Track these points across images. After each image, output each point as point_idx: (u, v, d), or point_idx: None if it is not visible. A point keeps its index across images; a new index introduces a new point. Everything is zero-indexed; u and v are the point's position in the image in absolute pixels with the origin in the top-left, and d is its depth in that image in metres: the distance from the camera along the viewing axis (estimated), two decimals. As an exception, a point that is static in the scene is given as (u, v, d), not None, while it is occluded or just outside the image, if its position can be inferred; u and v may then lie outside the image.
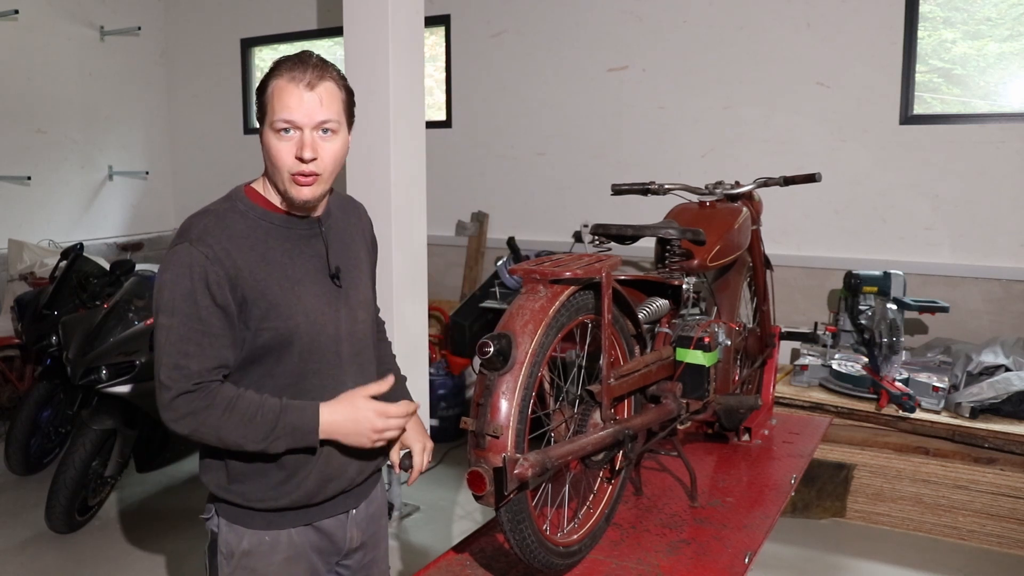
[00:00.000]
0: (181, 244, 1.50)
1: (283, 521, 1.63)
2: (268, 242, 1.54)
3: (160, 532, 3.80)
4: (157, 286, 1.50)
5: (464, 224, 5.74)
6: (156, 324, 1.49)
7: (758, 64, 4.76)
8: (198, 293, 1.46)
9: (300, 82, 1.50)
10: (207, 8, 6.80)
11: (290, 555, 1.64)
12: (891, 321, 3.97)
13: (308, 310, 1.56)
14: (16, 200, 5.82)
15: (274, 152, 1.51)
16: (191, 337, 1.46)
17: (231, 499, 1.62)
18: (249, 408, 1.50)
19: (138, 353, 3.70)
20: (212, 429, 1.48)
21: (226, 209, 1.56)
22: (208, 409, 1.47)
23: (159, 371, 1.47)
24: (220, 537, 1.65)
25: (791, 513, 3.86)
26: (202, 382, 1.47)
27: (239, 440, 1.50)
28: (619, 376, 1.82)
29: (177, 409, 1.47)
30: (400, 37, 3.56)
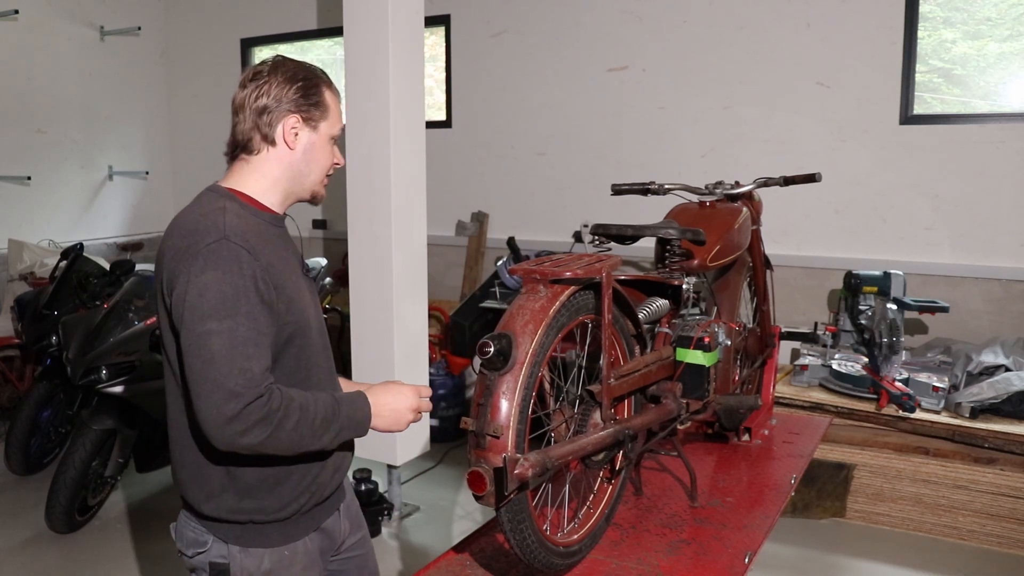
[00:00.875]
0: (216, 241, 1.42)
1: (298, 531, 1.62)
2: (270, 239, 1.55)
3: (160, 532, 3.80)
4: (196, 288, 1.38)
5: (464, 224, 5.74)
6: (203, 331, 1.36)
7: (758, 64, 4.76)
8: (249, 291, 1.41)
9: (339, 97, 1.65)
10: (207, 8, 6.80)
11: (306, 563, 1.65)
12: (891, 321, 3.97)
13: (306, 300, 1.60)
14: (16, 200, 5.82)
15: (325, 155, 1.62)
16: (250, 338, 1.39)
17: (246, 519, 1.56)
18: (312, 407, 1.46)
19: (138, 353, 3.70)
20: (283, 434, 1.40)
21: (233, 207, 1.53)
22: (284, 416, 1.40)
23: (220, 383, 1.34)
24: (234, 566, 1.57)
25: (791, 513, 3.86)
26: (269, 385, 1.40)
27: (308, 441, 1.45)
28: (619, 376, 1.82)
29: (248, 419, 1.35)
30: (400, 37, 3.56)
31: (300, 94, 1.55)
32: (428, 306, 4.08)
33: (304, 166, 1.59)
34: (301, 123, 1.56)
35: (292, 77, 1.56)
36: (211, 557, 1.59)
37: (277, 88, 1.55)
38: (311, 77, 1.58)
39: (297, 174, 1.60)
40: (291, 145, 1.57)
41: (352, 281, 3.78)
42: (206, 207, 1.53)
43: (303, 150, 1.58)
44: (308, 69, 1.60)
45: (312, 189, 1.63)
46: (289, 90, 1.55)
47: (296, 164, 1.59)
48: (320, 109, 1.58)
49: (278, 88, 1.55)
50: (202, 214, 1.50)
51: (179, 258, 1.44)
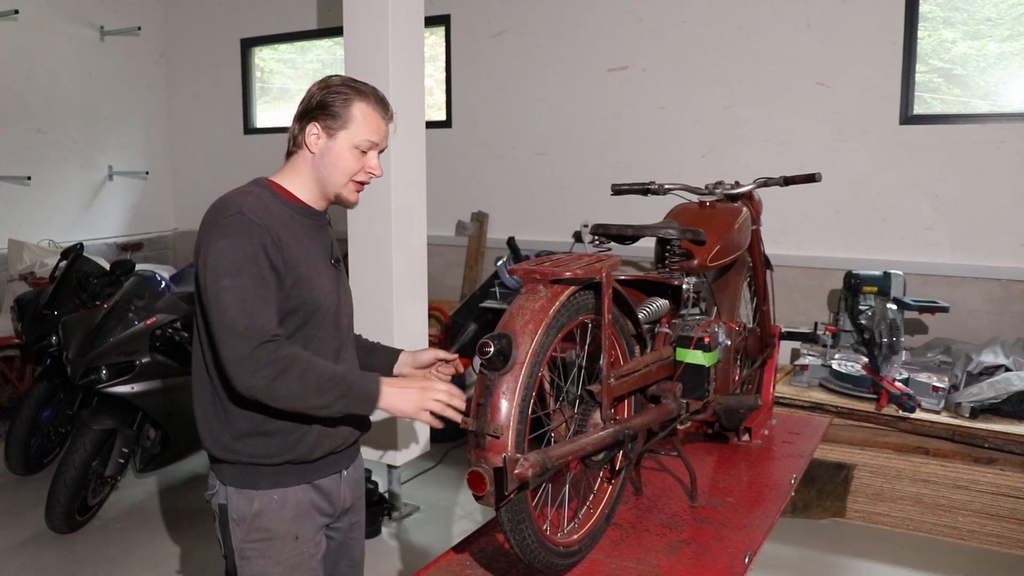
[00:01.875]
0: (233, 215, 1.62)
1: (288, 479, 1.75)
2: (293, 225, 1.73)
3: (160, 532, 3.80)
4: (214, 253, 1.59)
5: (464, 224, 5.74)
6: (218, 287, 1.57)
7: (758, 64, 4.76)
8: (258, 255, 1.60)
9: (382, 113, 1.78)
10: (207, 8, 6.81)
11: (297, 512, 1.76)
12: (891, 321, 3.97)
13: (323, 285, 1.76)
14: (16, 200, 5.82)
15: (346, 162, 1.75)
16: (259, 294, 1.58)
17: (237, 458, 1.72)
18: (323, 370, 1.59)
19: (138, 353, 3.70)
20: (290, 381, 1.55)
21: (259, 192, 1.72)
22: (290, 363, 1.56)
23: (231, 327, 1.55)
24: (230, 505, 1.74)
25: (791, 513, 3.86)
26: (277, 335, 1.58)
27: (313, 396, 1.58)
28: (619, 376, 1.82)
29: (258, 359, 1.54)
30: (400, 37, 3.56)
31: (326, 104, 1.73)
32: (428, 306, 4.08)
33: (323, 169, 1.76)
34: (320, 131, 1.74)
35: (327, 89, 1.74)
36: (218, 499, 1.78)
37: (311, 98, 1.75)
38: (344, 91, 1.73)
39: (318, 175, 1.77)
40: (311, 148, 1.75)
41: (352, 281, 3.77)
42: (240, 191, 1.73)
43: (320, 154, 1.75)
44: (348, 83, 1.75)
45: (336, 192, 1.78)
46: (319, 100, 1.73)
47: (316, 167, 1.76)
48: (340, 120, 1.72)
49: (311, 98, 1.75)
50: (231, 195, 1.71)
51: (204, 230, 1.66)
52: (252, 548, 1.74)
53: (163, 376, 3.75)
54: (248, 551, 1.75)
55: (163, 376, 3.75)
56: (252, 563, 1.75)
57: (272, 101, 6.80)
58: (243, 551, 1.75)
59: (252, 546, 1.74)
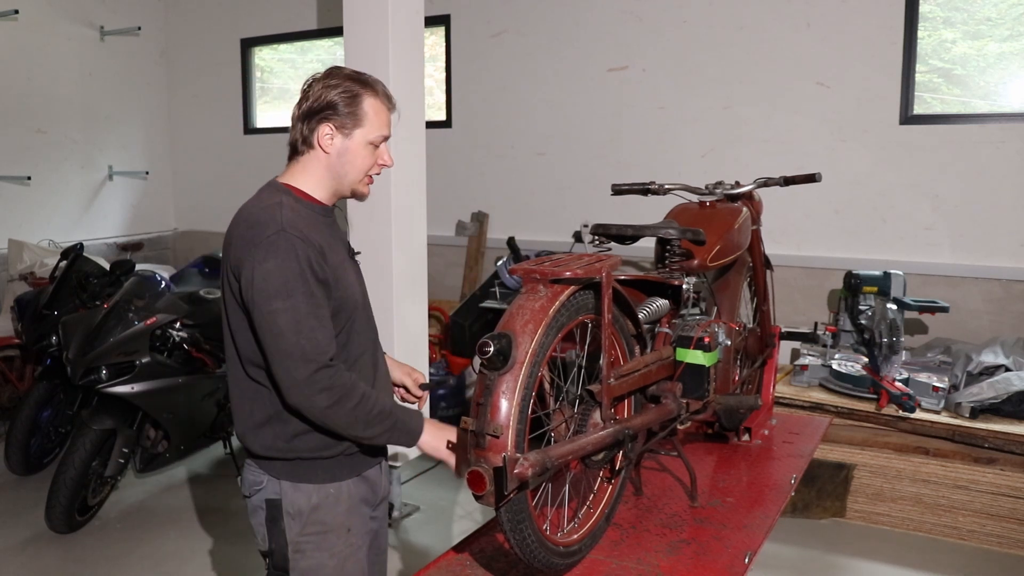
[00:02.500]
0: (275, 233, 1.63)
1: (341, 472, 1.79)
2: (320, 227, 1.76)
3: (160, 532, 3.80)
4: (261, 274, 1.61)
5: (464, 224, 5.74)
6: (271, 310, 1.59)
7: (758, 64, 4.76)
8: (306, 273, 1.63)
9: (390, 105, 1.79)
10: (207, 8, 6.80)
11: (350, 505, 1.81)
12: (891, 321, 3.97)
13: (352, 282, 1.81)
14: (16, 200, 5.82)
15: (363, 159, 1.77)
16: (313, 312, 1.62)
17: (296, 455, 1.74)
18: (374, 404, 1.66)
19: (138, 353, 3.70)
20: (345, 409, 1.62)
21: (288, 202, 1.72)
22: (346, 393, 1.61)
23: (288, 352, 1.58)
24: (285, 499, 1.76)
25: (791, 513, 3.86)
26: (334, 357, 1.63)
27: (362, 427, 1.65)
28: (619, 376, 1.82)
29: (317, 383, 1.59)
30: (400, 37, 3.56)
31: (337, 103, 1.73)
32: (428, 306, 4.08)
33: (340, 168, 1.77)
34: (335, 130, 1.74)
35: (335, 87, 1.73)
36: (267, 494, 1.80)
37: (319, 96, 1.74)
38: (353, 87, 1.74)
39: (335, 175, 1.78)
40: (326, 149, 1.75)
41: (352, 281, 3.77)
42: (266, 201, 1.73)
43: (337, 154, 1.76)
44: (354, 79, 1.76)
45: (352, 187, 1.81)
46: (329, 99, 1.73)
47: (333, 166, 1.77)
48: (355, 118, 1.74)
49: (320, 96, 1.74)
50: (263, 208, 1.70)
51: (245, 247, 1.66)
52: (309, 541, 1.77)
53: (163, 376, 3.75)
54: (304, 544, 1.77)
55: (163, 376, 3.75)
56: (308, 556, 1.77)
57: (272, 101, 6.80)
58: (299, 544, 1.77)
59: (309, 539, 1.77)
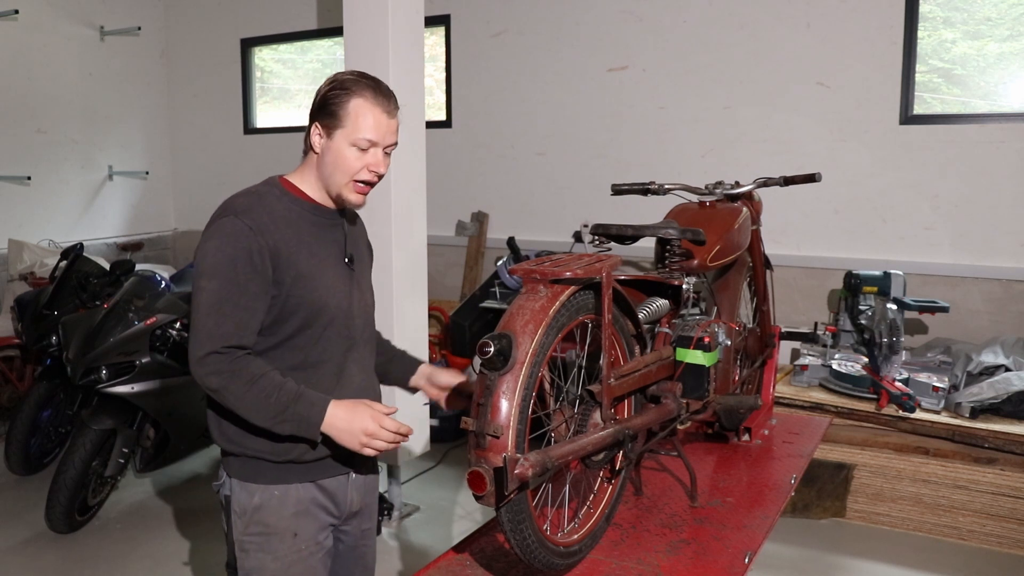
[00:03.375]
0: (226, 217, 1.66)
1: (290, 476, 1.76)
2: (300, 224, 1.74)
3: (160, 532, 3.80)
4: (201, 253, 1.65)
5: (464, 224, 5.74)
6: (197, 287, 1.64)
7: (758, 64, 4.76)
8: (240, 260, 1.63)
9: (383, 108, 1.72)
10: (207, 8, 6.80)
11: (298, 510, 1.77)
12: (891, 321, 3.97)
13: (329, 285, 1.76)
14: (16, 200, 5.82)
15: (345, 161, 1.72)
16: (229, 299, 1.62)
17: (243, 452, 1.74)
18: (268, 387, 1.62)
19: (138, 353, 3.70)
20: (233, 394, 1.61)
21: (265, 191, 1.74)
22: (235, 375, 1.60)
23: (196, 328, 1.62)
24: (233, 497, 1.79)
25: (791, 513, 3.86)
26: (232, 346, 1.62)
27: (251, 413, 1.63)
28: (619, 376, 1.82)
29: (207, 365, 1.60)
30: (400, 37, 3.56)
31: (325, 103, 1.72)
32: (428, 306, 4.08)
33: (326, 168, 1.75)
34: (320, 130, 1.74)
35: (330, 87, 1.73)
36: (224, 491, 1.83)
37: (316, 97, 1.75)
38: (346, 85, 1.71)
39: (323, 175, 1.76)
40: (316, 149, 1.76)
41: (352, 281, 3.77)
42: (245, 190, 1.75)
43: (323, 153, 1.75)
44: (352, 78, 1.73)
45: (337, 192, 1.76)
46: (320, 99, 1.73)
47: (320, 166, 1.76)
48: (336, 118, 1.70)
49: (316, 97, 1.75)
50: (237, 194, 1.74)
51: (204, 231, 1.71)
52: (251, 541, 1.77)
53: (163, 376, 3.75)
54: (247, 544, 1.78)
55: (163, 376, 3.75)
56: (250, 556, 1.77)
57: (272, 101, 6.80)
58: (243, 543, 1.78)
59: (251, 539, 1.77)
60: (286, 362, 1.72)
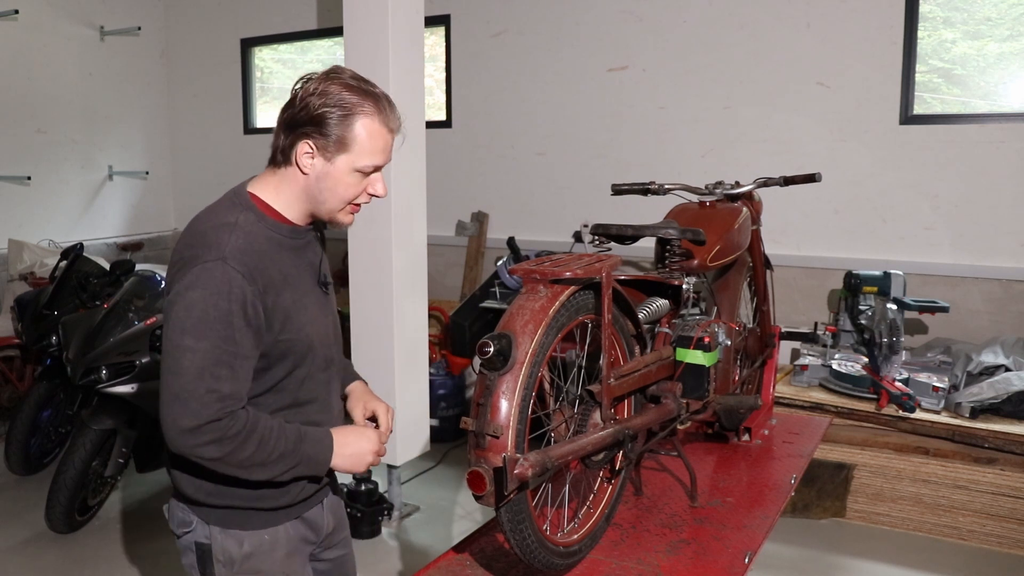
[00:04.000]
0: (214, 262, 1.42)
1: (278, 517, 1.65)
2: (281, 254, 1.55)
3: (160, 532, 3.80)
4: (185, 304, 1.40)
5: (464, 224, 5.74)
6: (176, 345, 1.39)
7: (758, 64, 4.76)
8: (235, 316, 1.42)
9: (390, 127, 1.54)
10: (207, 8, 6.80)
11: (288, 550, 1.67)
12: (891, 321, 3.97)
13: (312, 319, 1.61)
14: (16, 200, 5.82)
15: (346, 188, 1.53)
16: (223, 360, 1.40)
17: (224, 503, 1.59)
18: (273, 441, 1.47)
19: (138, 353, 3.70)
20: (235, 460, 1.43)
21: (243, 222, 1.51)
22: (239, 439, 1.42)
23: (179, 394, 1.38)
24: (215, 546, 1.61)
25: (791, 513, 3.86)
26: (233, 409, 1.42)
27: (259, 471, 1.47)
28: (619, 376, 1.82)
29: (203, 434, 1.39)
30: (400, 37, 3.56)
31: (324, 121, 1.47)
32: (428, 306, 4.08)
33: (318, 193, 1.54)
34: (315, 151, 1.50)
35: (327, 100, 1.48)
36: (196, 537, 1.63)
37: (307, 107, 1.48)
38: (348, 104, 1.48)
39: (311, 198, 1.55)
40: (304, 170, 1.52)
41: (352, 281, 3.78)
42: (222, 217, 1.52)
43: (316, 178, 1.52)
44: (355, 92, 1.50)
45: (330, 215, 1.57)
46: (316, 113, 1.47)
47: (310, 189, 1.54)
48: (341, 143, 1.48)
49: (308, 107, 1.48)
50: (214, 226, 1.50)
51: (180, 266, 1.46)
52: None
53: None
54: None
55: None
56: None
57: (272, 101, 6.79)
58: None
59: None
60: (272, 406, 1.56)
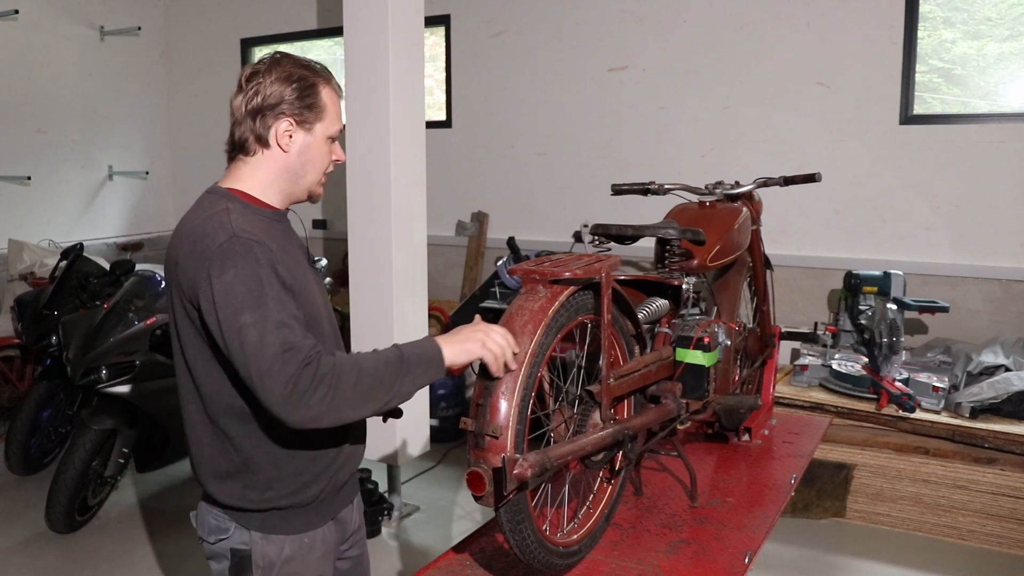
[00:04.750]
0: (227, 241, 1.44)
1: (318, 519, 1.67)
2: (276, 235, 1.58)
3: (160, 532, 3.80)
4: (223, 289, 1.41)
5: (464, 224, 5.74)
6: (239, 327, 1.38)
7: (758, 64, 4.76)
8: (271, 278, 1.44)
9: (339, 92, 1.62)
10: (207, 8, 6.81)
11: (324, 552, 1.70)
12: (891, 321, 3.97)
13: (315, 294, 1.64)
14: (16, 200, 5.82)
15: (321, 156, 1.61)
16: (282, 321, 1.40)
17: (271, 505, 1.60)
18: (371, 361, 1.44)
19: (138, 353, 3.70)
20: (350, 391, 1.39)
21: (237, 208, 1.54)
22: (338, 373, 1.39)
23: (268, 365, 1.36)
24: (255, 551, 1.61)
25: (791, 513, 3.86)
26: (313, 354, 1.39)
27: (381, 392, 1.43)
28: (619, 376, 1.82)
29: (304, 389, 1.35)
30: (400, 37, 3.56)
31: (295, 96, 1.55)
32: (428, 306, 4.08)
33: (300, 168, 1.60)
34: (295, 126, 1.57)
35: (287, 77, 1.55)
36: (232, 543, 1.62)
37: (271, 89, 1.54)
38: (307, 76, 1.57)
39: (293, 176, 1.61)
40: (285, 148, 1.58)
41: (352, 281, 3.78)
42: (208, 210, 1.54)
43: (298, 152, 1.59)
44: (305, 67, 1.58)
45: (308, 189, 1.65)
46: (283, 92, 1.55)
47: (292, 166, 1.60)
48: (315, 111, 1.57)
49: (272, 89, 1.54)
50: (207, 217, 1.52)
51: (195, 265, 1.46)
52: None
53: (163, 376, 3.75)
54: None
55: (163, 376, 3.75)
56: None
57: (272, 101, 6.80)
58: None
59: None
60: None
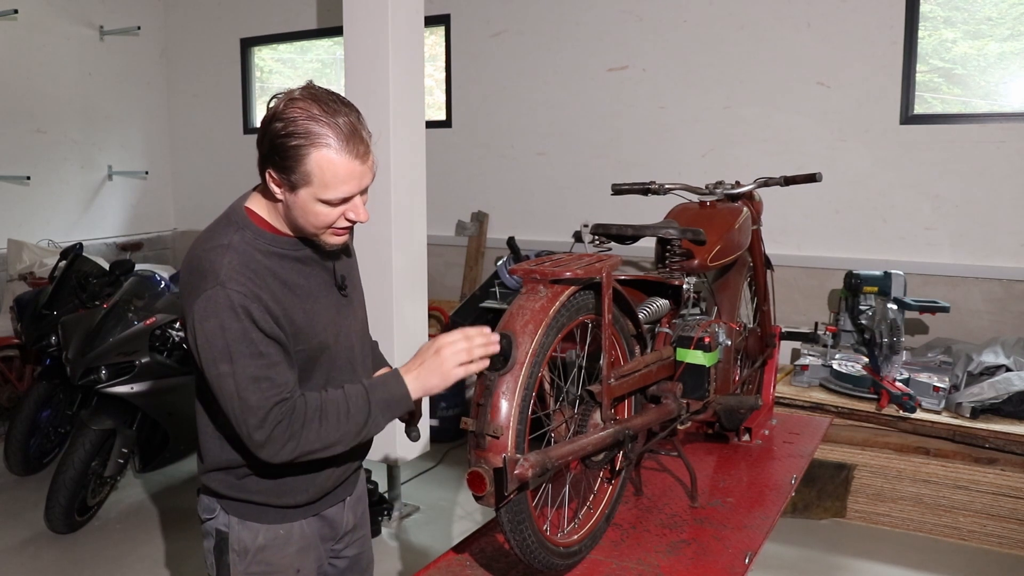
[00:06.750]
0: (212, 288, 1.44)
1: (296, 514, 1.69)
2: (284, 267, 1.54)
3: (160, 532, 3.80)
4: (204, 337, 1.44)
5: (464, 224, 5.74)
6: (218, 374, 1.44)
7: (758, 64, 4.75)
8: (250, 331, 1.44)
9: (354, 154, 1.42)
10: (207, 8, 6.80)
11: (302, 545, 1.71)
12: (891, 321, 3.96)
13: (326, 324, 1.61)
14: (16, 200, 5.81)
15: (315, 215, 1.47)
16: (259, 374, 1.45)
17: (245, 497, 1.64)
18: (338, 405, 1.50)
19: (138, 353, 3.70)
20: (313, 442, 1.48)
21: (242, 241, 1.51)
22: (304, 427, 1.47)
23: (239, 414, 1.45)
24: (232, 535, 1.67)
25: (791, 513, 3.86)
26: (287, 398, 1.47)
27: (341, 439, 1.50)
28: (619, 376, 1.82)
29: (276, 441, 1.46)
30: (400, 37, 3.56)
31: (276, 155, 1.43)
32: (428, 306, 4.08)
33: (295, 220, 1.51)
34: (279, 180, 1.46)
35: (278, 132, 1.41)
36: (217, 524, 1.69)
37: (264, 133, 1.44)
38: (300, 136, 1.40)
39: (291, 218, 1.52)
40: (276, 196, 1.50)
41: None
42: (217, 239, 1.52)
43: (286, 204, 1.50)
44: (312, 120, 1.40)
45: (313, 237, 1.54)
46: (272, 142, 1.42)
47: (286, 212, 1.52)
48: (296, 175, 1.42)
49: (265, 134, 1.44)
50: (210, 248, 1.50)
51: (186, 297, 1.50)
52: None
53: (163, 376, 3.75)
54: None
55: (163, 376, 3.75)
56: None
57: (272, 101, 6.79)
58: None
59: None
60: None
